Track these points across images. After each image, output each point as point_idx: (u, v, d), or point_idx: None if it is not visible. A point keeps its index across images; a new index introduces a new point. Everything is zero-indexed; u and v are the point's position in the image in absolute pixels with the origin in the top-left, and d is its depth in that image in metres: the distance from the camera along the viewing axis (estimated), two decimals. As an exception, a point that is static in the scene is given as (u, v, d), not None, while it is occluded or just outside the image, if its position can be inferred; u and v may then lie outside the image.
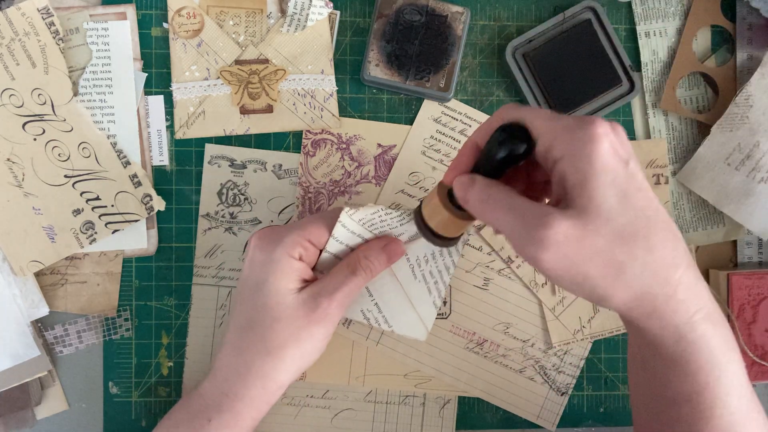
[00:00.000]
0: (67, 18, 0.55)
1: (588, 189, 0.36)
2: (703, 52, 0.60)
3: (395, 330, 0.53)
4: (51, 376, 0.56)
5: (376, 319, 0.53)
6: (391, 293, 0.53)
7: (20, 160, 0.54)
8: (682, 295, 0.38)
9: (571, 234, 0.36)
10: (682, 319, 0.38)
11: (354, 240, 0.49)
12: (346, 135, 0.58)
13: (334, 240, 0.48)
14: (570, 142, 0.37)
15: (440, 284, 0.53)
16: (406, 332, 0.53)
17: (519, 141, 0.39)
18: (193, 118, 0.57)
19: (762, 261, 0.60)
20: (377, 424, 0.58)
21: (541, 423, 0.59)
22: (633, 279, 0.37)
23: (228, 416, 0.47)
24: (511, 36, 0.58)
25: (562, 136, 0.37)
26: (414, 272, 0.52)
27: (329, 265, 0.50)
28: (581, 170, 0.36)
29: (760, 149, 0.56)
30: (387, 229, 0.50)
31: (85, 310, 0.56)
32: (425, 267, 0.52)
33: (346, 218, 0.47)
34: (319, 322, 0.46)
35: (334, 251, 0.49)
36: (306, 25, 0.56)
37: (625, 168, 0.37)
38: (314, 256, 0.49)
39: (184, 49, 0.56)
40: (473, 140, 0.42)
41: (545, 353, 0.59)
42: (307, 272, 0.48)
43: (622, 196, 0.36)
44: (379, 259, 0.49)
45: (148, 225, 0.57)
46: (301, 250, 0.47)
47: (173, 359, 0.57)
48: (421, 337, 0.53)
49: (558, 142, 0.37)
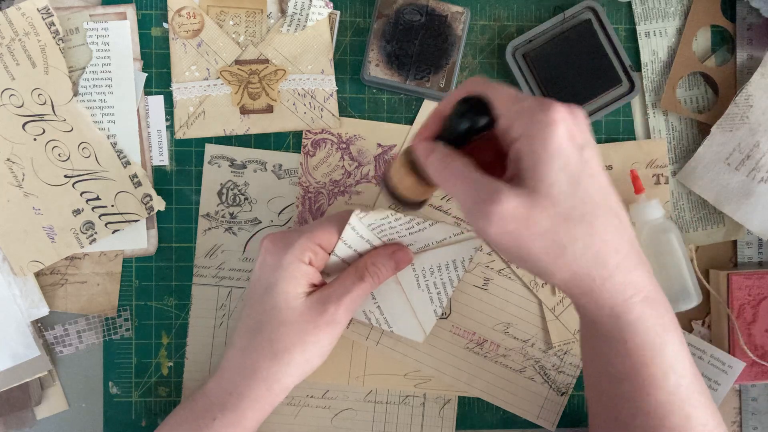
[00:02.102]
0: (67, 18, 0.55)
1: (539, 171, 0.37)
2: (703, 52, 0.60)
3: (394, 330, 0.55)
4: (51, 376, 0.56)
5: (378, 320, 0.54)
6: (394, 298, 0.54)
7: (20, 160, 0.54)
8: (619, 278, 0.39)
9: (518, 212, 0.37)
10: (617, 300, 0.40)
11: (363, 245, 0.50)
12: (346, 135, 0.58)
13: (343, 244, 0.49)
14: (528, 125, 0.38)
15: (443, 295, 0.54)
16: (405, 334, 0.55)
17: (479, 115, 0.40)
18: (193, 118, 0.57)
19: (762, 261, 0.60)
20: (377, 424, 0.58)
21: (541, 423, 0.59)
22: (573, 260, 0.38)
23: (232, 416, 0.47)
24: (511, 36, 0.58)
25: (521, 117, 0.38)
26: (418, 282, 0.53)
27: (337, 268, 0.51)
28: (535, 152, 0.37)
29: (760, 149, 0.56)
30: (396, 236, 0.50)
31: (85, 310, 0.56)
32: (430, 278, 0.53)
33: (357, 222, 0.47)
34: (326, 327, 0.47)
35: (342, 255, 0.50)
36: (306, 25, 0.56)
37: (580, 154, 0.38)
38: (323, 259, 0.49)
39: (184, 49, 0.56)
40: (440, 109, 0.43)
41: (545, 353, 0.59)
42: (316, 276, 0.49)
43: (572, 181, 0.37)
44: (387, 266, 0.49)
45: (148, 225, 0.57)
46: (311, 255, 0.47)
47: (173, 359, 0.57)
48: (419, 339, 0.55)
49: (517, 123, 0.38)
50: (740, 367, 0.57)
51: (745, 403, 0.60)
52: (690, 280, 0.55)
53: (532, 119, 0.38)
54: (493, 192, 0.37)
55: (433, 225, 0.49)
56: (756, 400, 0.60)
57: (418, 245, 0.51)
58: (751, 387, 0.60)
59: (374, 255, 0.50)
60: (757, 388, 0.60)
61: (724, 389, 0.58)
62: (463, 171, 0.39)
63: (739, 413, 0.60)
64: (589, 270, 0.39)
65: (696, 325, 0.59)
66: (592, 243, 0.38)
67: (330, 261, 0.49)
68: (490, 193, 0.37)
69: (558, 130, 0.37)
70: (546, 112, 0.38)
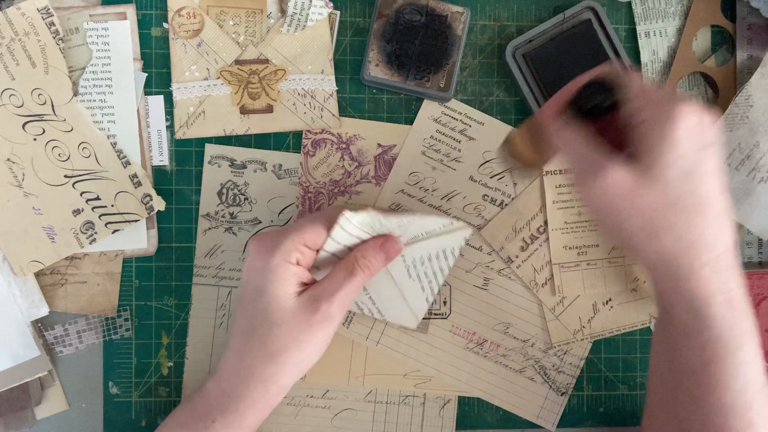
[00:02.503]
0: (67, 18, 0.55)
1: (656, 154, 0.39)
2: (703, 52, 0.60)
3: (387, 318, 0.56)
4: (51, 376, 0.56)
5: (370, 309, 0.55)
6: (385, 289, 0.54)
7: (20, 160, 0.54)
8: (707, 273, 0.41)
9: (625, 184, 0.40)
10: (699, 294, 0.41)
11: (352, 240, 0.50)
12: (346, 135, 0.58)
13: (332, 241, 0.49)
14: (657, 111, 0.40)
15: (434, 284, 0.54)
16: (398, 321, 0.56)
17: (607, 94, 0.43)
18: (193, 118, 0.57)
19: (762, 261, 0.60)
20: (377, 424, 0.58)
21: (541, 423, 0.59)
22: (665, 245, 0.40)
23: (232, 417, 0.47)
24: (511, 36, 0.58)
25: (652, 103, 0.41)
26: (409, 272, 0.53)
27: (328, 263, 0.51)
28: (658, 137, 0.40)
29: (760, 149, 0.56)
30: (386, 231, 0.50)
31: (85, 310, 0.56)
32: (420, 268, 0.53)
33: (346, 222, 0.47)
34: (320, 325, 0.47)
35: (331, 250, 0.50)
36: (306, 25, 0.56)
37: (699, 150, 0.40)
38: (312, 257, 0.49)
39: (184, 49, 0.56)
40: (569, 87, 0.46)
41: (545, 353, 0.59)
42: (306, 275, 0.48)
43: (684, 172, 0.39)
44: (377, 257, 0.49)
45: (148, 225, 0.57)
46: (299, 255, 0.47)
47: (173, 359, 0.57)
48: (412, 326, 0.56)
49: (646, 108, 0.41)
50: (740, 367, 0.57)
51: (745, 403, 0.60)
52: (690, 280, 0.55)
53: (663, 107, 0.40)
54: (602, 163, 0.40)
55: (423, 217, 0.49)
56: (756, 400, 0.60)
57: (407, 237, 0.51)
58: (751, 387, 0.60)
59: (363, 248, 0.49)
60: (757, 388, 0.60)
61: (724, 389, 0.58)
62: (578, 138, 0.43)
63: (739, 413, 0.60)
64: (678, 259, 0.40)
65: (696, 325, 0.59)
66: (687, 234, 0.40)
67: (319, 257, 0.49)
68: (598, 162, 0.40)
69: (684, 122, 0.39)
70: (677, 103, 0.40)
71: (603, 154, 0.41)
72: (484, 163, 0.58)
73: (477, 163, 0.58)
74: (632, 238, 0.41)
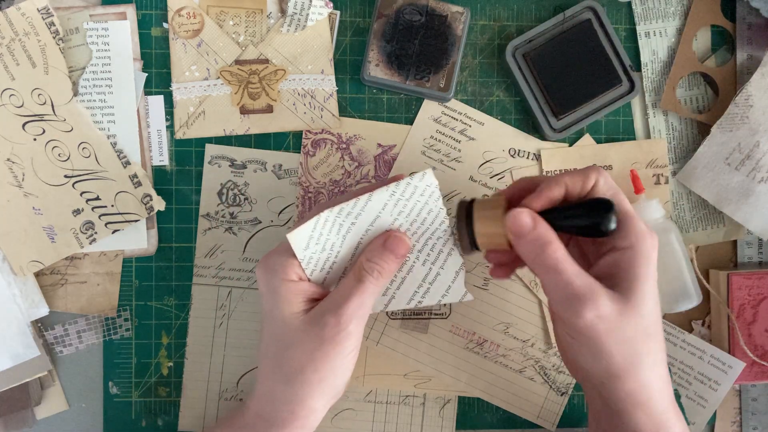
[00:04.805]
0: (67, 18, 0.55)
1: (637, 285, 0.42)
2: (703, 52, 0.60)
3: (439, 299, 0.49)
4: (51, 376, 0.56)
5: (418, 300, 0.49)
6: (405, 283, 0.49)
7: (20, 160, 0.54)
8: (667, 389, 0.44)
9: (612, 315, 0.41)
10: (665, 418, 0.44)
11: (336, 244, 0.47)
12: (346, 135, 0.58)
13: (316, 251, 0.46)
14: (639, 242, 0.42)
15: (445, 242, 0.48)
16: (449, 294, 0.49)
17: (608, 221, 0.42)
18: (193, 118, 0.57)
19: (762, 261, 0.60)
20: (377, 424, 0.58)
21: (541, 423, 0.59)
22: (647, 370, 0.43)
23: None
24: (511, 36, 0.58)
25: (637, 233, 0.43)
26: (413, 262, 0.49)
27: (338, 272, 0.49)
28: (639, 267, 0.42)
29: (760, 149, 0.56)
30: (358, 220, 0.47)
31: (85, 310, 0.56)
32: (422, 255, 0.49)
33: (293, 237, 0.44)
34: (333, 340, 0.44)
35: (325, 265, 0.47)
36: (306, 25, 0.56)
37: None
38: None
39: (184, 49, 0.56)
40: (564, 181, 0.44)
41: (545, 353, 0.59)
42: (313, 290, 0.46)
43: (655, 302, 0.43)
44: (384, 257, 0.46)
45: (148, 225, 0.57)
46: (298, 270, 0.46)
47: (173, 359, 0.57)
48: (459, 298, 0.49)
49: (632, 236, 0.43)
50: (740, 367, 0.57)
51: (745, 403, 0.60)
52: (690, 280, 0.55)
53: (644, 238, 0.42)
54: (591, 291, 0.41)
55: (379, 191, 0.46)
56: (756, 400, 0.60)
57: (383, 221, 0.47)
58: (751, 387, 0.60)
59: (368, 251, 0.47)
60: (757, 388, 0.60)
61: (724, 389, 0.58)
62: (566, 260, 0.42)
63: (739, 413, 0.60)
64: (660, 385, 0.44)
65: (696, 325, 0.59)
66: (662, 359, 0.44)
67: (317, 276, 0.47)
68: (588, 292, 0.41)
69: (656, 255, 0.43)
70: (653, 237, 0.43)
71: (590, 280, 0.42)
72: (484, 163, 0.58)
73: (477, 163, 0.58)
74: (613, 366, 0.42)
